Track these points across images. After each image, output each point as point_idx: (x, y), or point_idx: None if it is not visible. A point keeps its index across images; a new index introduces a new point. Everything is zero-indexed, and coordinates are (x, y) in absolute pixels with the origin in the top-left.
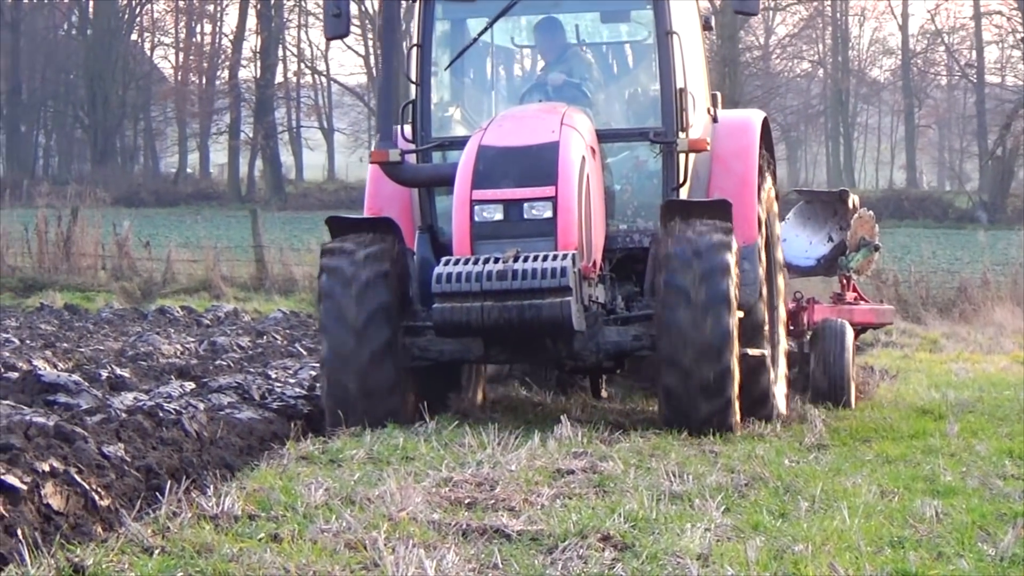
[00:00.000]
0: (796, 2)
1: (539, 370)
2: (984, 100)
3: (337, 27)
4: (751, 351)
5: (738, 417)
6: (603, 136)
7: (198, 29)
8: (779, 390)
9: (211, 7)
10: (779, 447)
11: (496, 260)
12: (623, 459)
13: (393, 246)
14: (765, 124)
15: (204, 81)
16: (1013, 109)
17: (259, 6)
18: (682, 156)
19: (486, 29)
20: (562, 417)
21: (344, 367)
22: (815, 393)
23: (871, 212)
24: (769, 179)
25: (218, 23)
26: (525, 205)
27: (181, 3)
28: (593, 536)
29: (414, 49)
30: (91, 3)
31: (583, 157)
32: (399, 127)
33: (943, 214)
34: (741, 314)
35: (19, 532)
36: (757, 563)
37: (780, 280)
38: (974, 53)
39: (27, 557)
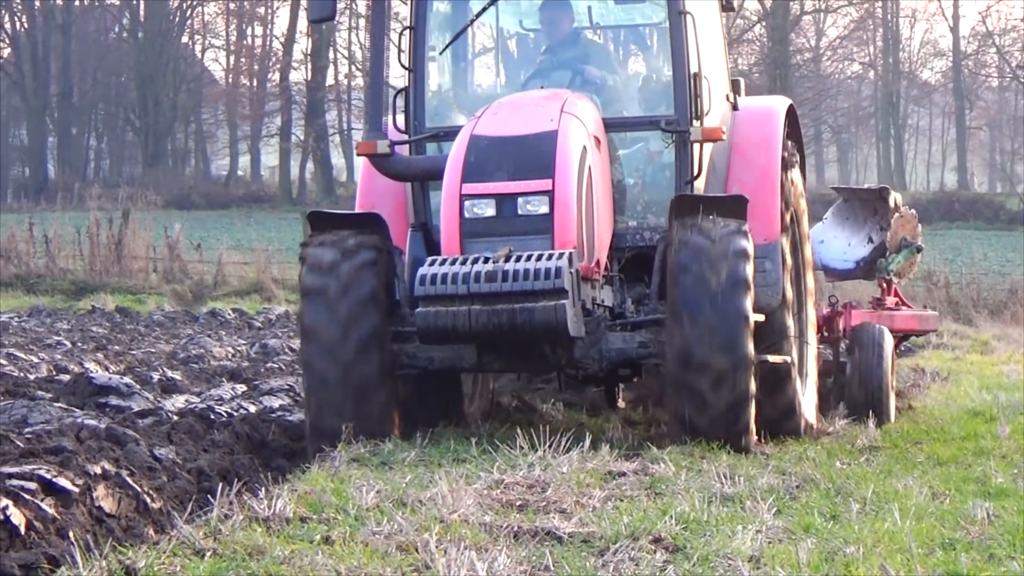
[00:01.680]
0: (847, 4)
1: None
2: None
3: (322, 9)
4: (771, 358)
5: (754, 434)
6: (611, 125)
7: (249, 32)
8: (808, 401)
9: (262, 10)
10: (830, 449)
11: (486, 260)
12: (674, 461)
13: (381, 242)
14: (791, 112)
15: (255, 84)
16: None
17: (401, 33)
18: (696, 146)
19: (483, 11)
20: (613, 418)
21: (326, 361)
22: (851, 405)
23: (913, 211)
24: (795, 172)
25: (269, 25)
26: (519, 200)
27: (232, 5)
28: (644, 538)
29: (407, 32)
30: (142, 6)
31: (584, 147)
32: (391, 116)
33: (994, 216)
34: (761, 317)
35: (71, 534)
36: (808, 565)
37: (810, 280)
38: None
39: (79, 559)
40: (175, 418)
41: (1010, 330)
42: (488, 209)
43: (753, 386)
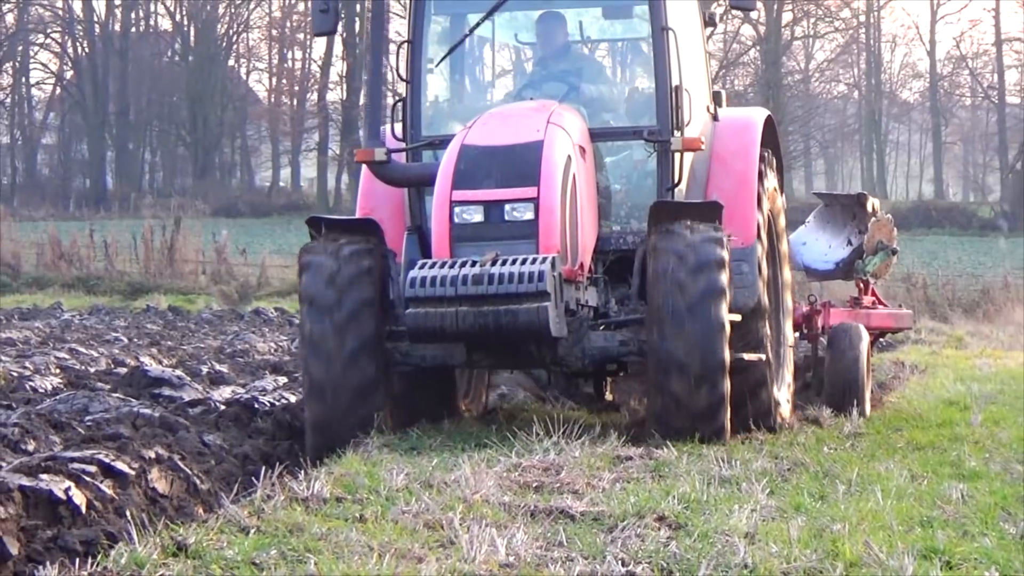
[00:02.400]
0: (834, 30)
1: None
2: (1005, 119)
3: (324, 23)
4: (747, 356)
5: (728, 433)
6: (596, 134)
7: (289, 55)
8: (783, 397)
9: (301, 36)
10: (819, 435)
11: (473, 264)
12: (676, 447)
13: (377, 247)
14: (769, 122)
15: (295, 103)
16: None
17: (344, 35)
18: (677, 156)
19: (477, 25)
20: (622, 408)
21: (323, 363)
22: (829, 399)
23: (889, 216)
24: (773, 178)
25: (308, 50)
26: (506, 206)
27: (274, 32)
28: (649, 516)
29: (405, 45)
30: (192, 32)
31: (569, 157)
32: (389, 125)
33: (967, 223)
34: (737, 317)
35: (128, 513)
36: (799, 541)
37: (787, 278)
38: (996, 76)
39: (135, 536)
40: (222, 407)
41: (982, 327)
42: (476, 215)
43: (728, 387)
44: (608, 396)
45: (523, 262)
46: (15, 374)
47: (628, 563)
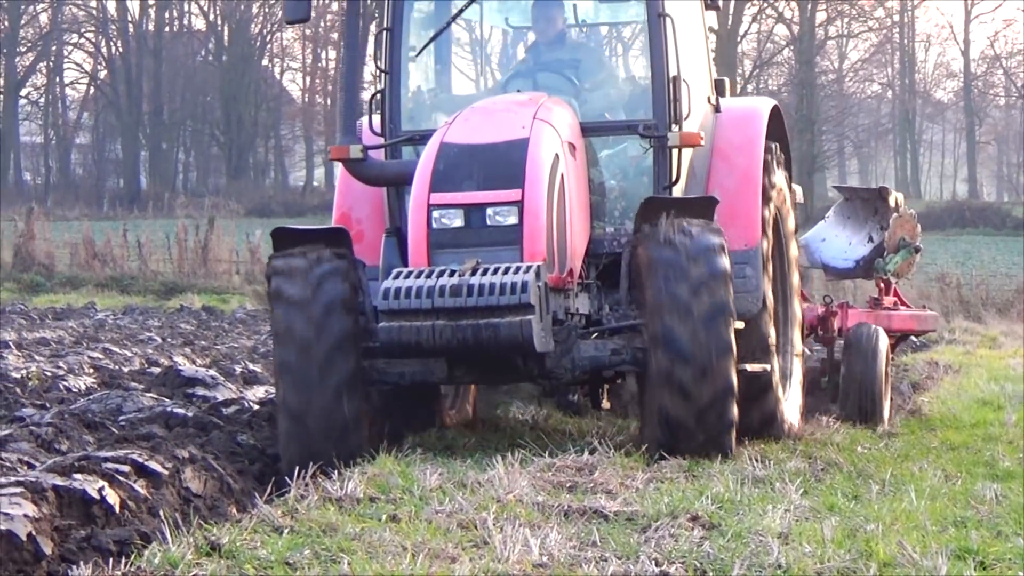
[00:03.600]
0: (867, 30)
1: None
2: None
3: (297, 10)
4: (750, 367)
5: (733, 436)
6: (589, 129)
7: (323, 55)
8: (791, 405)
9: (335, 35)
10: (853, 435)
11: (452, 273)
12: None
13: (347, 257)
14: (775, 113)
15: (329, 102)
16: None
17: (377, 34)
18: (675, 152)
19: (461, 12)
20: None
21: (301, 361)
22: (844, 407)
23: (912, 212)
24: (780, 173)
25: (341, 50)
26: (488, 210)
27: (308, 31)
28: (683, 516)
29: (384, 33)
30: (226, 32)
31: (556, 155)
32: (367, 119)
33: (1001, 223)
34: (740, 325)
35: (161, 512)
36: (832, 541)
37: (794, 283)
38: None
39: (168, 535)
40: (256, 407)
41: (1016, 327)
42: (456, 219)
43: (735, 380)
44: (605, 404)
45: (505, 271)
46: (49, 374)
47: (662, 563)
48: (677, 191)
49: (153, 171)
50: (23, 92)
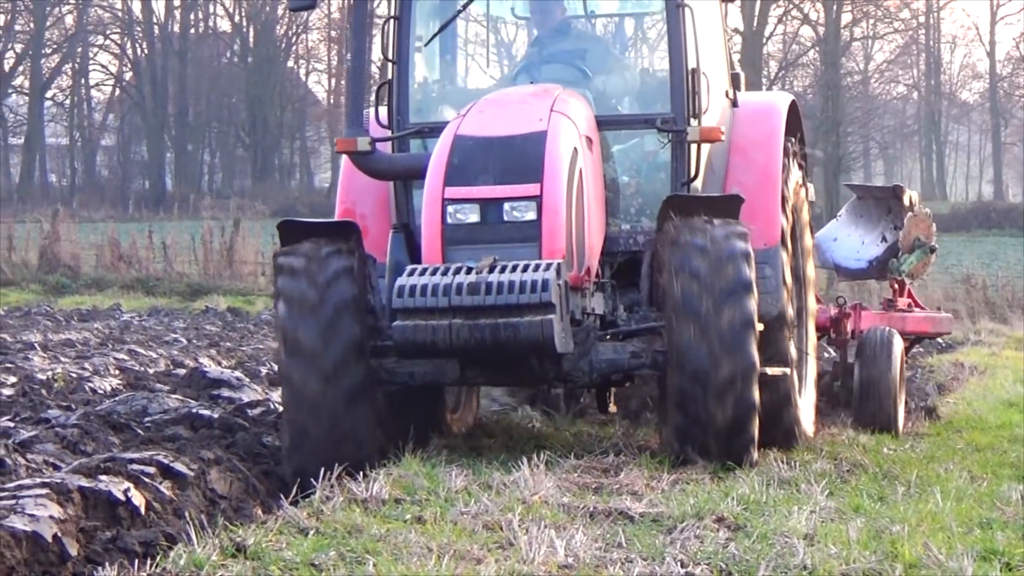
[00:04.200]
0: (893, 31)
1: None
2: None
3: None
4: (771, 370)
5: (756, 443)
6: (604, 123)
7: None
8: (805, 410)
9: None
10: (879, 437)
11: (469, 270)
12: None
13: (356, 251)
14: (793, 108)
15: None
16: None
17: (384, 23)
18: (694, 147)
19: (468, 3)
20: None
21: (306, 369)
22: (857, 412)
23: (928, 210)
24: (797, 170)
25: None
26: (505, 205)
27: (333, 33)
28: (709, 518)
29: (390, 22)
30: (251, 33)
31: (575, 149)
32: (373, 111)
33: None
34: (760, 327)
35: (186, 514)
36: (858, 542)
37: (811, 279)
38: None
39: (194, 536)
40: (281, 409)
41: None
42: (472, 215)
43: (757, 398)
44: (612, 408)
45: (525, 269)
46: (74, 375)
47: (687, 564)
48: (694, 188)
49: (178, 173)
50: (48, 94)
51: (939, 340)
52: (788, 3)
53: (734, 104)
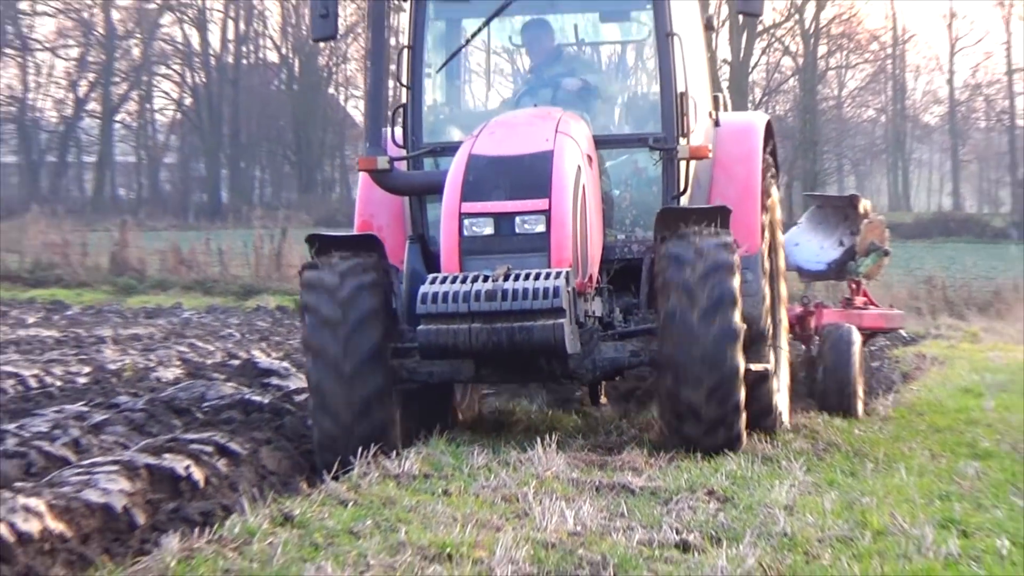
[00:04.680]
0: (864, 61)
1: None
2: (1015, 140)
3: (324, 28)
4: (754, 366)
5: (744, 437)
6: (601, 142)
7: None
8: (782, 400)
9: (393, 67)
10: (851, 420)
11: (485, 278)
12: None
13: (378, 263)
14: (768, 127)
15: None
16: None
17: (399, 52)
18: (683, 163)
19: (480, 30)
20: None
21: (330, 377)
22: (821, 400)
23: (882, 217)
24: (772, 183)
25: (399, 80)
26: (517, 219)
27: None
28: (700, 490)
29: (404, 51)
30: (297, 64)
31: (579, 167)
32: (389, 132)
33: (982, 232)
34: (744, 326)
35: (240, 487)
36: (832, 512)
37: (782, 286)
38: (1007, 102)
39: (247, 507)
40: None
41: (995, 324)
42: (487, 228)
43: (743, 395)
44: (603, 400)
45: (537, 277)
46: (141, 366)
47: (681, 531)
48: (684, 200)
49: (232, 187)
50: (118, 117)
51: (903, 334)
52: (771, 36)
53: (716, 124)
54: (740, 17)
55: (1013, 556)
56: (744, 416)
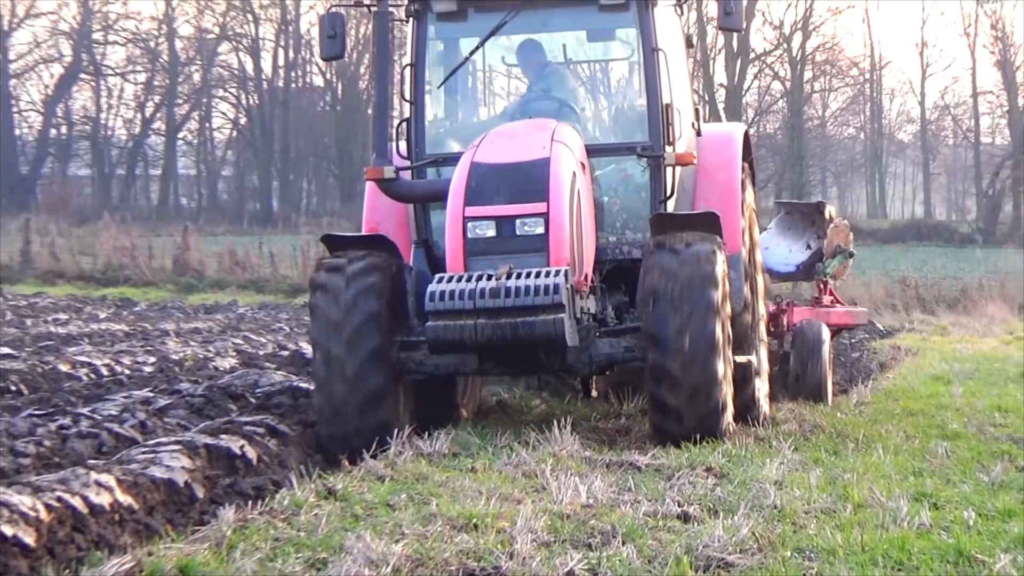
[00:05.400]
0: (845, 85)
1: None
2: (980, 155)
3: (332, 48)
4: (738, 358)
5: (731, 423)
6: (592, 151)
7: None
8: (763, 391)
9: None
10: (834, 404)
11: (489, 277)
12: None
13: (388, 261)
14: (746, 137)
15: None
16: (1000, 162)
17: (402, 70)
18: (669, 169)
19: (476, 49)
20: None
21: (335, 376)
22: (794, 390)
23: (846, 222)
24: (750, 188)
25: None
26: (517, 221)
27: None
28: (700, 467)
29: (407, 69)
30: (339, 87)
31: (573, 173)
32: (394, 144)
33: (950, 237)
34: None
35: (289, 465)
36: (817, 487)
37: (760, 285)
38: (972, 121)
39: (295, 482)
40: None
41: (962, 319)
42: (489, 230)
43: (725, 395)
44: (594, 392)
45: (537, 275)
46: (201, 356)
47: (683, 504)
48: (671, 204)
49: (282, 197)
50: (180, 135)
51: (880, 328)
52: (762, 63)
53: (698, 133)
54: (735, 46)
55: (979, 526)
56: (729, 413)
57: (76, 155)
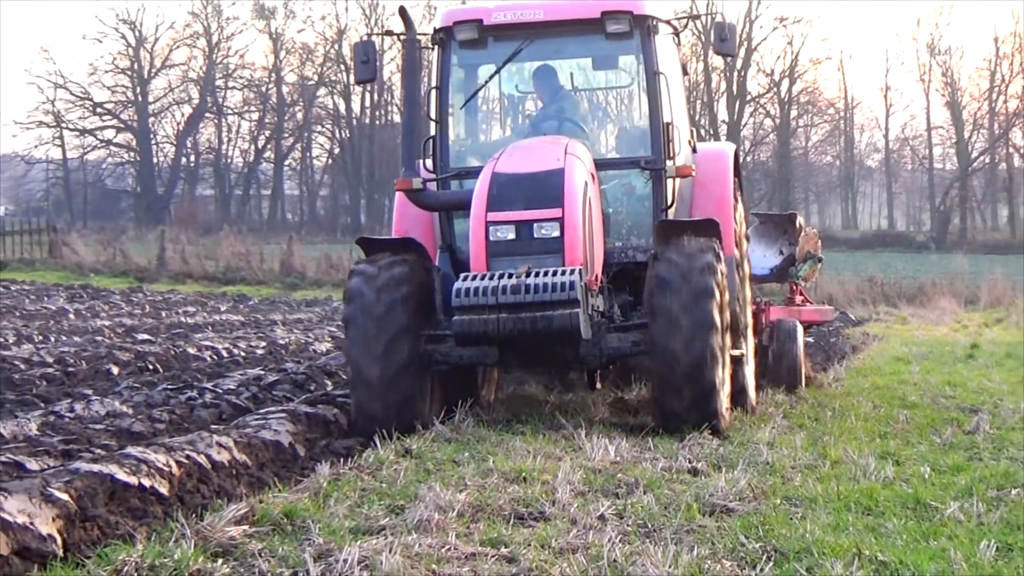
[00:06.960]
0: (824, 122)
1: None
2: (933, 178)
3: (366, 72)
4: (733, 352)
5: (724, 418)
6: (600, 165)
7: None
8: (750, 383)
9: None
10: (815, 381)
11: (510, 276)
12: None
13: (417, 262)
14: (736, 155)
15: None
16: (949, 183)
17: (428, 92)
18: (670, 181)
19: (495, 74)
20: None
21: (367, 361)
22: (772, 381)
23: (815, 229)
24: (740, 201)
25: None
26: (535, 225)
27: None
28: (706, 432)
29: (433, 91)
30: None
31: (585, 182)
32: (421, 159)
33: (909, 244)
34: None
35: (377, 428)
36: (801, 447)
37: (748, 287)
38: (927, 151)
39: (378, 444)
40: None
41: (919, 310)
42: (509, 233)
43: (721, 377)
44: (598, 385)
45: (554, 274)
46: (303, 341)
47: (693, 461)
48: (671, 213)
49: (369, 212)
50: (286, 162)
51: (852, 317)
52: (756, 104)
53: (694, 150)
54: (735, 90)
55: (933, 479)
56: (726, 412)
57: (202, 179)
